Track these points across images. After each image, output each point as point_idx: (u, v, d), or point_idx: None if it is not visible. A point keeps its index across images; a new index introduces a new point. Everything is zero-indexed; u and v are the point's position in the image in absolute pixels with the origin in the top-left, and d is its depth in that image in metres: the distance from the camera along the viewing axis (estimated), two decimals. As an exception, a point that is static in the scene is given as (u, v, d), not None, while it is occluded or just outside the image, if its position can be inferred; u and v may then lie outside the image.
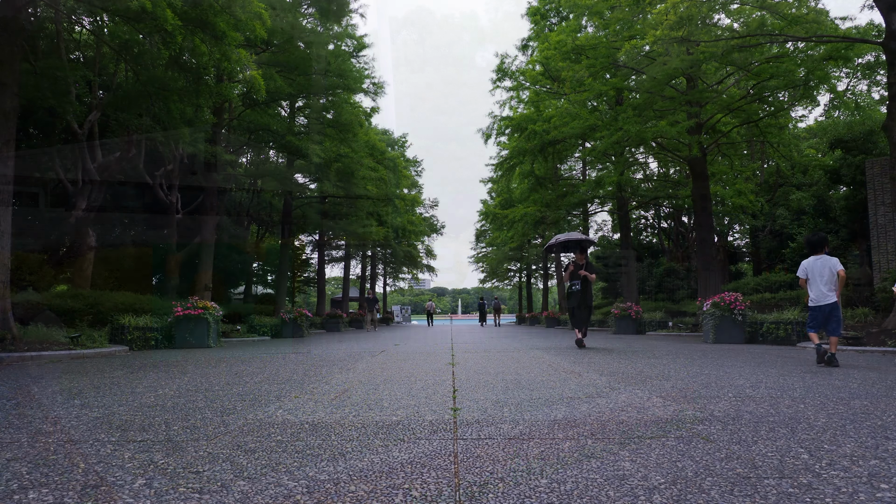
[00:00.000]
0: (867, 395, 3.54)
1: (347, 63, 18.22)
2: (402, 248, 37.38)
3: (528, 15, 22.65)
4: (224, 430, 2.63)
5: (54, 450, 2.25)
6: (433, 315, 37.48)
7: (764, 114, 15.47)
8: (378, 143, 24.80)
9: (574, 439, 2.36)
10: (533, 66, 20.93)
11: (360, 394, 3.83)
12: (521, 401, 3.44)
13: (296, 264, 36.08)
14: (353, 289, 42.95)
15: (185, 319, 10.58)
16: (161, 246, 18.22)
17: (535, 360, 6.48)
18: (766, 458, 2.02)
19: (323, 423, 2.77)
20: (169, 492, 1.69)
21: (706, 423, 2.66)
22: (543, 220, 22.92)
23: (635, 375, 4.80)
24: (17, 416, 3.04)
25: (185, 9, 8.97)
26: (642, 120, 15.25)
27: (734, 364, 5.85)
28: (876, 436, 2.36)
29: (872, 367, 5.48)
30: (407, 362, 6.42)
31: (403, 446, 2.28)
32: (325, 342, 12.06)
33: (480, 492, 1.68)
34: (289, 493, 1.68)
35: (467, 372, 5.25)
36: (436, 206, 42.92)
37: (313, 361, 6.66)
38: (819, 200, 17.68)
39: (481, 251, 44.12)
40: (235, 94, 14.02)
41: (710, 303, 10.86)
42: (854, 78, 18.97)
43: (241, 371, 5.52)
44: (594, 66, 14.78)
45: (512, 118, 22.69)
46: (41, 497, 1.65)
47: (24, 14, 8.67)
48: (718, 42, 12.39)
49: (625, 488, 1.69)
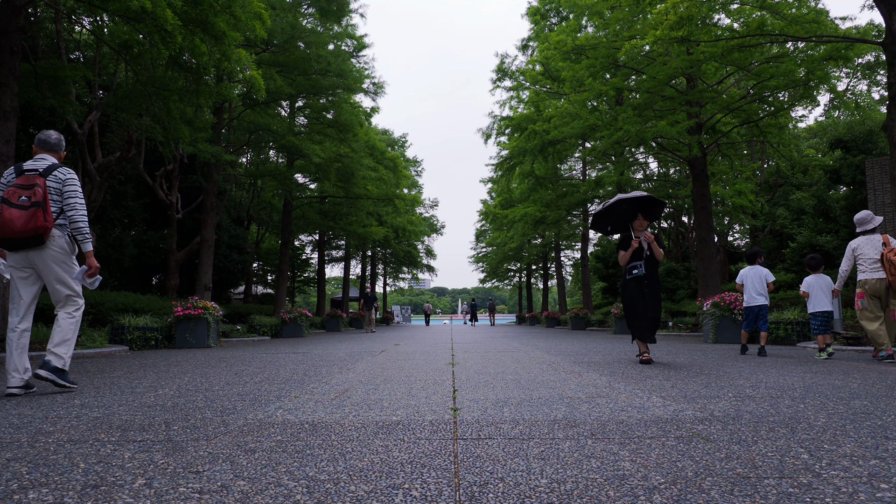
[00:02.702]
0: (867, 395, 3.54)
1: (347, 63, 18.22)
2: (402, 248, 37.40)
3: (528, 15, 22.65)
4: (224, 430, 2.63)
5: (54, 450, 2.25)
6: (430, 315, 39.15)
7: (764, 114, 15.47)
8: (378, 143, 24.80)
9: (574, 439, 2.37)
10: (533, 66, 20.93)
11: (360, 394, 3.83)
12: (521, 400, 3.44)
13: (296, 264, 36.12)
14: (353, 289, 42.98)
15: (185, 319, 10.58)
16: (161, 246, 18.22)
17: (534, 360, 6.48)
18: (766, 458, 2.02)
19: (323, 423, 2.77)
20: (169, 492, 1.69)
21: (706, 423, 2.66)
22: (543, 220, 22.91)
23: (635, 375, 4.80)
24: (17, 416, 3.04)
25: (185, 9, 8.96)
26: (642, 120, 15.24)
27: (734, 364, 5.85)
28: (876, 436, 2.36)
29: (872, 367, 5.48)
30: (407, 362, 6.42)
31: (403, 446, 2.28)
32: (325, 342, 12.07)
33: (480, 492, 1.68)
34: (289, 493, 1.68)
35: (467, 372, 5.25)
36: (436, 206, 42.98)
37: (313, 361, 6.66)
38: (819, 200, 17.67)
39: (481, 251, 44.13)
40: (235, 94, 14.02)
41: (710, 303, 10.86)
42: (854, 78, 18.98)
43: (241, 371, 5.52)
44: (594, 66, 14.77)
45: (512, 118, 22.68)
46: (41, 497, 1.65)
47: (23, 14, 8.66)
48: (718, 42, 12.39)
49: (625, 488, 1.69)
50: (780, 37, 11.93)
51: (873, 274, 6.27)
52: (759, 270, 7.48)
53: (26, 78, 9.77)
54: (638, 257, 6.08)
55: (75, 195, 3.99)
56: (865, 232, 6.50)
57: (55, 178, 3.98)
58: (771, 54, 13.94)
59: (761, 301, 7.39)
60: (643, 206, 6.20)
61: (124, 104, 11.59)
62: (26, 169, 3.98)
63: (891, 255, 6.03)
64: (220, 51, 9.75)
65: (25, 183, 3.86)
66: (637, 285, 6.06)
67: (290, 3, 17.00)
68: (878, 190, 12.58)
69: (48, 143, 4.15)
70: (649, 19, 12.90)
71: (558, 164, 25.52)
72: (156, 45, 9.15)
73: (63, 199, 3.99)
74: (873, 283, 6.27)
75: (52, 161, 4.08)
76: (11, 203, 3.77)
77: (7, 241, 3.79)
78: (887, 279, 6.10)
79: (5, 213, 3.75)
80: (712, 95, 14.36)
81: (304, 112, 20.86)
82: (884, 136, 14.95)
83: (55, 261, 3.94)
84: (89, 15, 12.30)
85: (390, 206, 26.83)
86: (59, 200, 3.99)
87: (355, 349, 9.07)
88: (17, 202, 3.78)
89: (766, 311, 7.43)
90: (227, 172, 18.91)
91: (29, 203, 3.78)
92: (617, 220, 6.48)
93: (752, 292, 7.46)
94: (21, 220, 3.74)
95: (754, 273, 7.51)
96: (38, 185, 3.85)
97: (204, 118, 15.29)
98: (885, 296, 6.23)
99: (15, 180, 3.92)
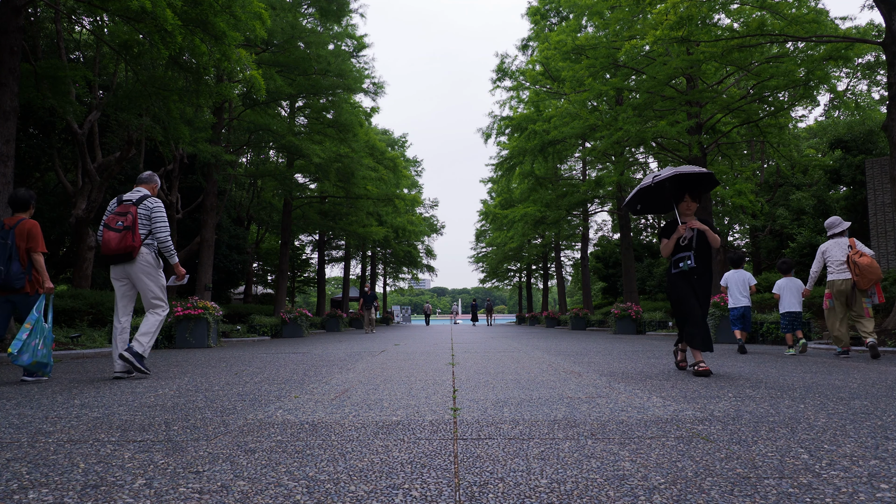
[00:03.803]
0: (867, 395, 3.54)
1: (347, 63, 18.22)
2: (402, 248, 37.40)
3: (528, 15, 22.64)
4: (224, 430, 2.64)
5: (54, 450, 2.25)
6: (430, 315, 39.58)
7: (764, 114, 15.47)
8: (378, 143, 24.79)
9: (574, 439, 2.37)
10: (533, 66, 20.93)
11: (360, 394, 3.83)
12: (521, 401, 3.44)
13: (296, 264, 36.13)
14: (353, 289, 42.99)
15: (185, 319, 10.58)
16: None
17: (534, 361, 6.48)
18: (766, 458, 2.02)
19: (323, 423, 2.77)
20: (169, 492, 1.69)
21: (706, 423, 2.66)
22: (543, 220, 22.90)
23: (635, 375, 4.80)
24: (17, 415, 3.04)
25: (185, 9, 8.97)
26: (642, 120, 15.25)
27: (734, 364, 5.86)
28: (876, 436, 2.36)
29: (872, 367, 5.49)
30: (407, 362, 6.42)
31: (403, 446, 2.28)
32: (325, 342, 12.07)
33: (480, 492, 1.68)
34: (289, 493, 1.68)
35: (467, 372, 5.25)
36: (436, 206, 42.98)
37: (313, 361, 6.66)
38: (819, 200, 17.68)
39: (481, 251, 44.11)
40: (235, 94, 14.02)
41: (710, 303, 10.85)
42: (854, 78, 18.97)
43: (241, 371, 5.52)
44: (594, 66, 14.77)
45: (512, 118, 22.69)
46: (41, 497, 1.65)
47: (23, 14, 8.66)
48: (718, 42, 12.39)
49: (625, 488, 1.69)
50: (780, 37, 11.93)
51: (840, 275, 6.70)
52: (743, 274, 8.09)
53: (26, 78, 9.77)
54: (686, 247, 4.98)
55: (161, 220, 5.00)
56: (834, 235, 6.90)
57: (145, 206, 4.99)
58: (771, 54, 13.94)
59: (744, 303, 8.02)
60: (690, 185, 5.03)
61: (124, 104, 11.59)
62: (124, 199, 5.00)
63: (855, 256, 6.48)
64: (220, 51, 9.75)
65: (122, 211, 4.89)
66: (686, 281, 4.94)
67: (290, 3, 16.99)
68: (878, 190, 12.58)
69: (141, 179, 5.23)
70: (649, 19, 12.90)
71: (558, 164, 25.51)
72: (156, 45, 9.15)
73: (151, 223, 4.99)
74: (839, 283, 6.69)
75: (144, 193, 5.07)
76: (110, 227, 4.82)
77: (107, 257, 4.84)
78: (853, 279, 6.52)
79: (105, 235, 4.80)
80: (712, 95, 14.36)
81: (304, 112, 20.86)
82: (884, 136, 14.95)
83: (143, 272, 4.89)
84: (89, 15, 12.30)
85: (390, 206, 26.83)
86: (148, 224, 4.98)
87: (355, 349, 9.07)
88: (114, 226, 4.82)
89: (749, 311, 8.09)
90: (227, 172, 18.91)
91: (122, 227, 4.80)
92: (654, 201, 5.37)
93: (736, 294, 8.09)
94: (115, 240, 4.76)
95: (738, 276, 8.11)
96: (131, 212, 4.86)
97: (204, 118, 15.29)
98: (851, 295, 6.63)
99: (115, 208, 4.94)
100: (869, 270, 6.37)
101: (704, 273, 4.93)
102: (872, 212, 12.68)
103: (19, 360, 4.54)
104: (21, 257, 4.85)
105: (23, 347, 4.56)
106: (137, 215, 4.88)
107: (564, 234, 29.80)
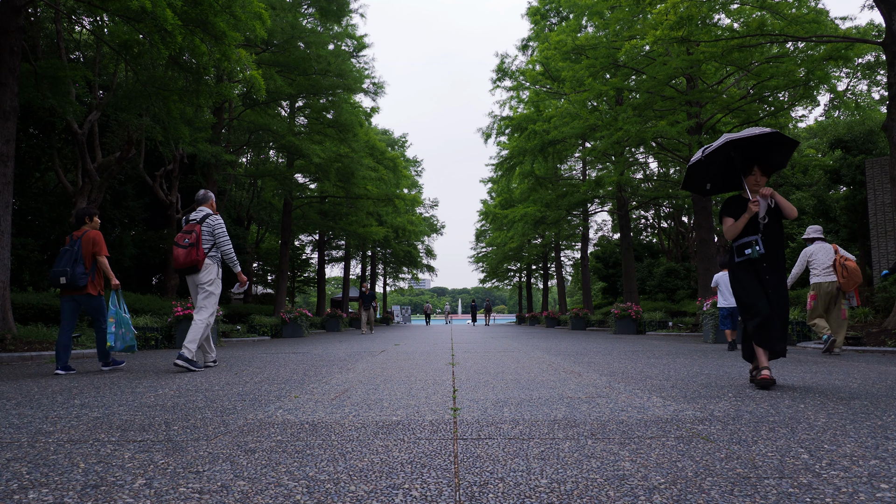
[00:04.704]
0: (867, 395, 3.54)
1: (347, 63, 18.22)
2: (402, 248, 37.41)
3: (528, 15, 22.64)
4: (224, 430, 2.64)
5: (54, 450, 2.25)
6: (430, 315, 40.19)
7: (764, 114, 15.47)
8: (378, 143, 24.79)
9: (574, 439, 2.37)
10: (533, 66, 20.92)
11: (360, 394, 3.83)
12: (521, 400, 3.44)
13: (296, 264, 36.12)
14: (353, 289, 42.98)
15: (185, 319, 10.58)
16: (161, 246, 18.22)
17: (534, 361, 6.48)
18: (766, 458, 2.02)
19: (323, 423, 2.77)
20: (169, 492, 1.70)
21: (706, 423, 2.66)
22: (543, 220, 22.91)
23: (635, 375, 4.80)
24: (17, 415, 3.04)
25: (185, 9, 8.96)
26: (642, 120, 15.24)
27: (734, 364, 5.86)
28: (876, 436, 2.36)
29: (872, 366, 5.49)
30: (407, 362, 6.42)
31: (403, 446, 2.28)
32: (325, 342, 12.06)
33: (480, 492, 1.68)
34: (289, 493, 1.68)
35: (467, 372, 5.25)
36: (436, 206, 43.01)
37: (313, 361, 6.66)
38: (819, 200, 17.68)
39: (481, 251, 44.12)
40: (235, 94, 14.01)
41: (710, 303, 10.86)
42: (854, 78, 18.95)
43: (241, 371, 5.53)
44: (594, 66, 14.77)
45: (512, 118, 22.68)
46: (41, 497, 1.65)
47: (23, 14, 8.66)
48: (718, 42, 12.39)
49: (625, 488, 1.69)
50: (780, 37, 11.93)
51: (826, 277, 7.20)
52: None
53: (26, 78, 9.77)
54: (753, 230, 3.97)
55: (223, 235, 5.78)
56: (814, 240, 7.42)
57: (208, 224, 5.77)
58: (771, 54, 13.93)
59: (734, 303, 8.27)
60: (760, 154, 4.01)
61: (124, 104, 11.59)
62: (190, 219, 5.82)
63: (843, 260, 7.05)
64: (220, 51, 9.75)
65: (188, 229, 5.70)
66: (753, 272, 3.95)
67: (290, 3, 16.99)
68: (878, 190, 12.58)
69: (198, 199, 5.98)
70: (649, 19, 12.90)
71: (558, 164, 25.50)
72: (156, 45, 9.15)
73: (215, 238, 5.76)
74: (826, 285, 7.20)
75: (207, 212, 5.84)
76: (178, 244, 5.64)
77: (177, 270, 5.71)
78: (838, 282, 7.07)
79: (174, 251, 5.66)
80: (712, 95, 14.35)
81: (304, 112, 20.86)
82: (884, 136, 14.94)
83: (202, 282, 5.70)
84: (89, 15, 12.30)
85: (390, 206, 26.82)
86: (212, 239, 5.75)
87: (355, 349, 9.07)
88: (182, 243, 5.61)
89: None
90: (226, 172, 18.91)
91: (188, 244, 5.60)
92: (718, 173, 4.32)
93: (727, 294, 8.40)
94: (182, 255, 5.59)
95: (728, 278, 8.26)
96: (195, 231, 5.66)
97: (204, 118, 15.29)
98: (835, 296, 7.20)
99: (184, 227, 5.78)
100: (856, 274, 6.97)
101: (775, 262, 3.93)
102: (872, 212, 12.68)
103: (115, 348, 5.69)
104: (85, 262, 5.62)
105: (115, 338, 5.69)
106: (201, 232, 5.67)
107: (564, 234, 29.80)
